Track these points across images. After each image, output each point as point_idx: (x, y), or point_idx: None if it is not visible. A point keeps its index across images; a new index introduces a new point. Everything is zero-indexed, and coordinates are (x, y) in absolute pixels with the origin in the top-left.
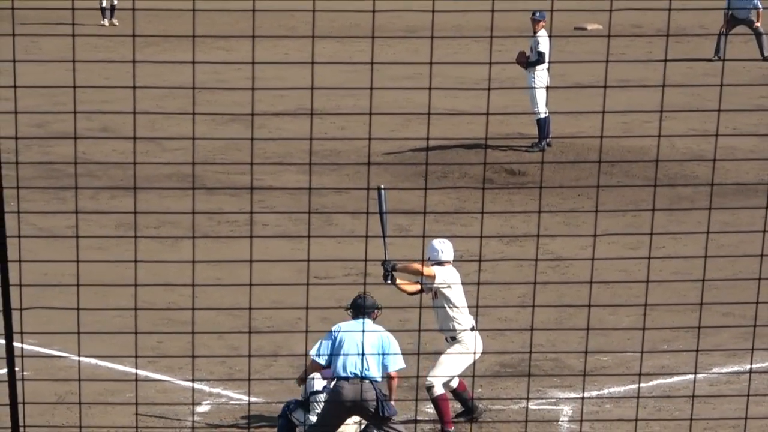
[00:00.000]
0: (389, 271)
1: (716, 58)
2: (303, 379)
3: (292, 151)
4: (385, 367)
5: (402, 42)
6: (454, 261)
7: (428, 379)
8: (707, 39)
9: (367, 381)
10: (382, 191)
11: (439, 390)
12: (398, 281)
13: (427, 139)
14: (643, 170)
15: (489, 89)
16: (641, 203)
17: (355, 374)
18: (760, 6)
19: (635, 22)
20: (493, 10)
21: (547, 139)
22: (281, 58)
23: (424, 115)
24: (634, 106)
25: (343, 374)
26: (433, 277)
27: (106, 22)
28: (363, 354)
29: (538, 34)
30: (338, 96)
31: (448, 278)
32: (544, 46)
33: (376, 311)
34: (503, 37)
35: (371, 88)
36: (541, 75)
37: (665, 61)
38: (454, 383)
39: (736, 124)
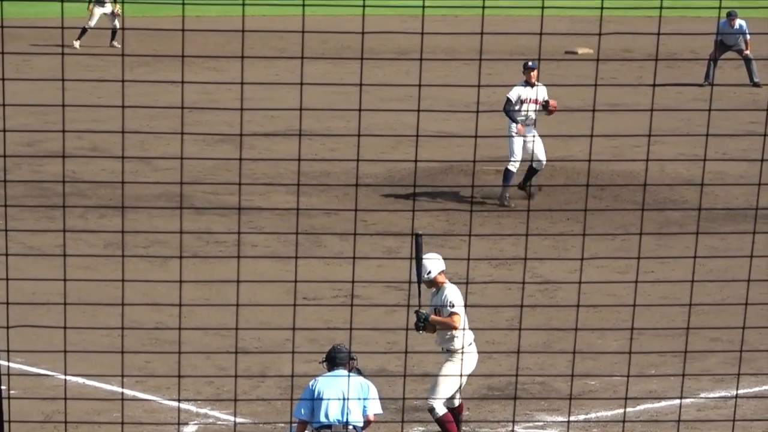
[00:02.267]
0: (423, 322)
1: (706, 83)
2: None
3: (282, 172)
4: (364, 410)
5: (393, 64)
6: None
7: (429, 401)
8: (697, 64)
9: (351, 427)
10: (420, 239)
11: (441, 410)
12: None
13: (416, 161)
14: (633, 194)
15: (477, 112)
16: (630, 227)
17: (339, 421)
18: (747, 33)
19: (626, 46)
20: (482, 33)
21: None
22: (272, 79)
23: (414, 138)
24: (624, 130)
25: (325, 421)
26: (458, 322)
27: (77, 44)
28: (345, 399)
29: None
30: (329, 117)
31: (456, 294)
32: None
33: (351, 362)
34: (493, 60)
35: (360, 110)
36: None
37: (654, 85)
38: (456, 402)
39: (725, 149)
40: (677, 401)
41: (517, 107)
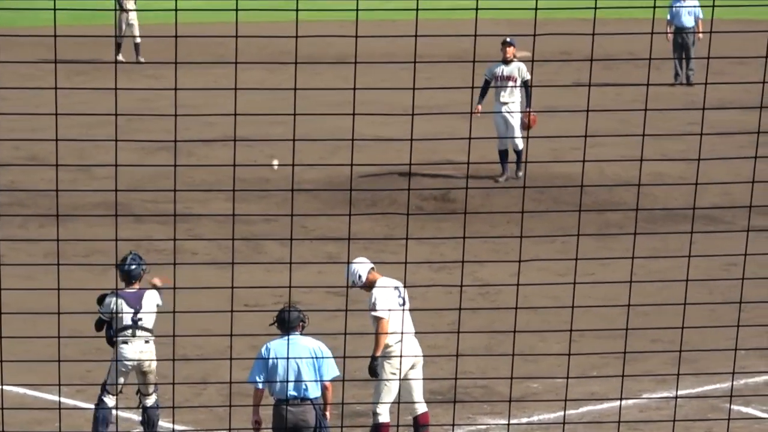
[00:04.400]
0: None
1: (677, 82)
2: (257, 412)
3: (221, 179)
4: (320, 376)
5: (333, 69)
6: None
7: (374, 406)
8: (635, 66)
9: (307, 402)
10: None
11: (383, 418)
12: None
13: (351, 165)
14: (573, 196)
15: (413, 114)
16: (571, 230)
17: (295, 396)
18: (701, 15)
19: (564, 48)
20: (416, 35)
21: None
22: (210, 86)
23: (354, 142)
24: (562, 132)
25: (282, 396)
26: (382, 327)
27: (121, 56)
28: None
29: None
30: (268, 123)
31: (379, 295)
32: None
33: (301, 323)
34: (429, 62)
35: (294, 114)
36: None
37: (589, 86)
38: (419, 410)
39: (664, 149)
40: (619, 402)
41: (494, 85)
